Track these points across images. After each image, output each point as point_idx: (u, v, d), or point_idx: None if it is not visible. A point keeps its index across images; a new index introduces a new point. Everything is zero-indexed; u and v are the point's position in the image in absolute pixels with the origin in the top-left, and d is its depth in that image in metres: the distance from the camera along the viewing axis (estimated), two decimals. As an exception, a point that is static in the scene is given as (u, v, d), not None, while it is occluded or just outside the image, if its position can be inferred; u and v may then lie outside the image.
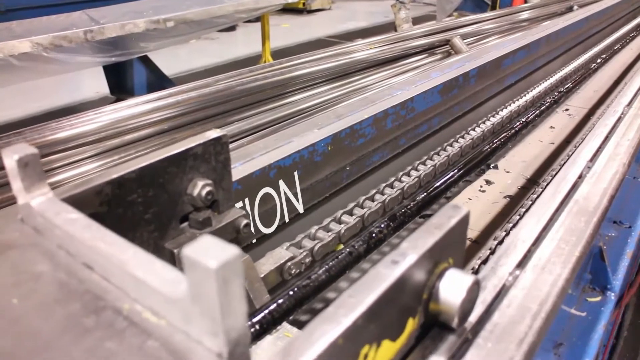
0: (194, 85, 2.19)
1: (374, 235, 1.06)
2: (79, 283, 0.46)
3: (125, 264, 0.43)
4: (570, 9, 4.39)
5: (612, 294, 1.25)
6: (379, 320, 0.43)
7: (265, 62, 5.48)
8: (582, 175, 0.94)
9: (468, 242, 1.30)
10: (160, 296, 0.40)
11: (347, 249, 1.02)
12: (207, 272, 0.34)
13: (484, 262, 1.07)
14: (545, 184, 1.40)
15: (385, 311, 0.43)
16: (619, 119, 1.26)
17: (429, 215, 0.77)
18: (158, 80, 4.27)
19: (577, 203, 0.83)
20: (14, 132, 1.66)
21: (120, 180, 0.61)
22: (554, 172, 1.44)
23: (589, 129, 1.29)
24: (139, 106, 1.96)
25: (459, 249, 0.53)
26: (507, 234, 1.12)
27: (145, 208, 0.65)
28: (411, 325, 0.48)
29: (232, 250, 0.35)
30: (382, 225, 1.09)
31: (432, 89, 1.43)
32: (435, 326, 0.52)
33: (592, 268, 1.29)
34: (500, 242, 1.09)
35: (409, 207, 1.16)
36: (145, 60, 4.22)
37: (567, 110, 2.14)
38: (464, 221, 0.51)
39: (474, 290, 0.50)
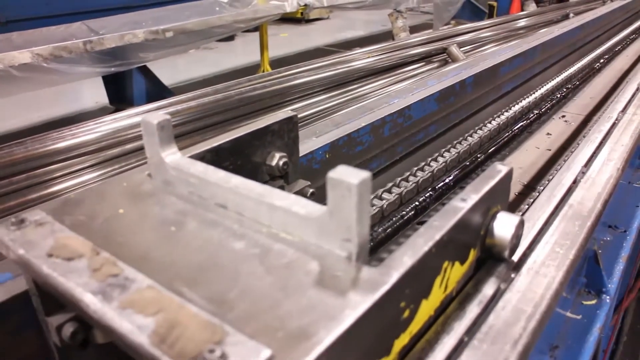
0: (193, 95, 2.21)
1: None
2: (218, 217, 0.55)
3: (263, 196, 0.53)
4: (566, 17, 4.43)
5: (608, 297, 1.25)
6: (454, 243, 0.53)
7: (263, 71, 5.52)
8: (576, 180, 0.95)
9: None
10: (296, 218, 0.50)
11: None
12: (350, 188, 0.43)
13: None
14: (541, 189, 1.41)
15: (458, 237, 0.54)
16: (614, 125, 1.28)
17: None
18: (157, 90, 4.29)
19: (572, 207, 0.85)
20: (15, 142, 1.67)
21: (218, 149, 0.72)
22: (550, 178, 1.45)
23: (583, 135, 1.31)
24: (138, 116, 1.98)
25: (505, 197, 0.65)
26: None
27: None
28: (472, 254, 0.60)
29: (365, 173, 0.43)
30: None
31: (429, 96, 1.44)
32: (488, 260, 0.64)
33: (587, 272, 1.30)
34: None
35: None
36: (145, 70, 4.24)
37: (563, 116, 2.15)
38: (509, 175, 0.64)
39: (520, 227, 0.62)
